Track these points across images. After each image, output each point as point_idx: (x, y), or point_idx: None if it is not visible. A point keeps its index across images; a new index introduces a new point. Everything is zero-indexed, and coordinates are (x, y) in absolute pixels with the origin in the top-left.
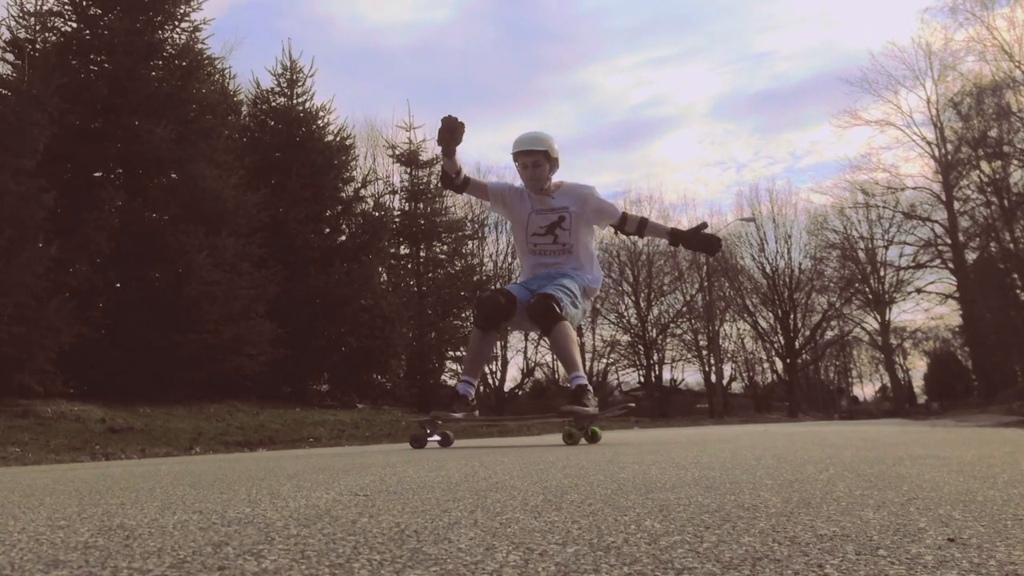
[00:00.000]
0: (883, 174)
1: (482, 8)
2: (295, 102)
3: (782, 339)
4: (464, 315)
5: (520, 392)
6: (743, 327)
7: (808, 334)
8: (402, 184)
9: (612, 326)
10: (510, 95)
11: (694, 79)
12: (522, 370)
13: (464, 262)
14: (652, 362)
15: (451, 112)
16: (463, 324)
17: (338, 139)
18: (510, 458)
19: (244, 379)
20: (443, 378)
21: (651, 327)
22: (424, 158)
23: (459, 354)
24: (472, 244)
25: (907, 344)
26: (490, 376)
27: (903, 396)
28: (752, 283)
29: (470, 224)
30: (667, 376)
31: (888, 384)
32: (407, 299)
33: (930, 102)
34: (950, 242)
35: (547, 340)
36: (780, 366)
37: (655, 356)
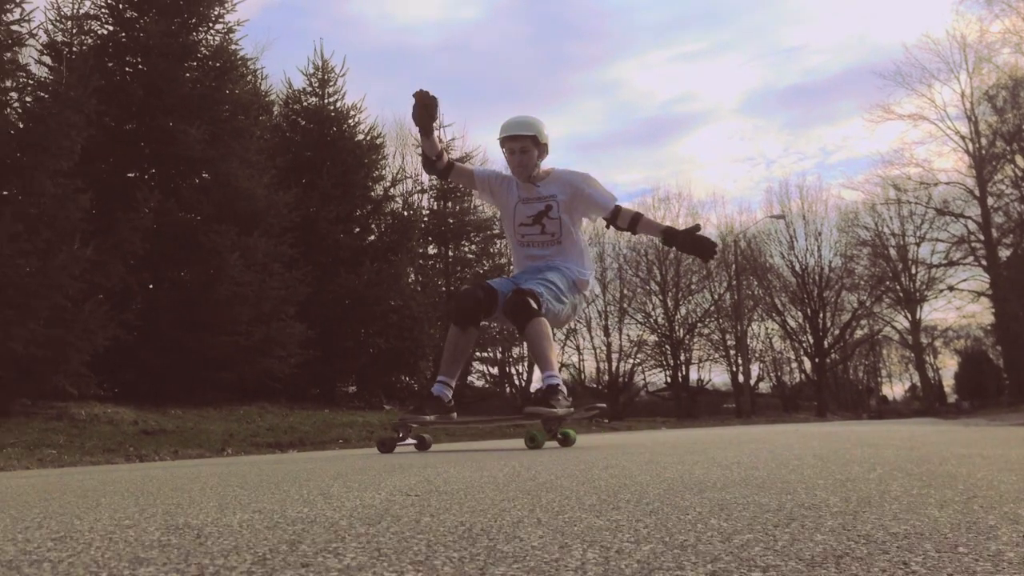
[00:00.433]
0: (916, 169)
1: (511, 6)
2: (326, 102)
3: (811, 338)
4: None
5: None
6: (771, 326)
7: (837, 333)
8: (431, 183)
9: (639, 326)
10: (539, 92)
11: (724, 74)
12: None
13: (492, 262)
14: (679, 362)
15: (481, 110)
16: (490, 325)
17: (368, 138)
18: (547, 458)
19: (273, 381)
20: (470, 379)
21: (678, 327)
22: (454, 156)
23: (486, 354)
24: (500, 243)
25: (938, 343)
26: (516, 377)
27: (933, 395)
28: (781, 281)
29: (498, 223)
30: (694, 376)
31: (918, 383)
32: (436, 299)
33: (964, 95)
34: (983, 238)
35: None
36: (808, 365)
37: (682, 356)
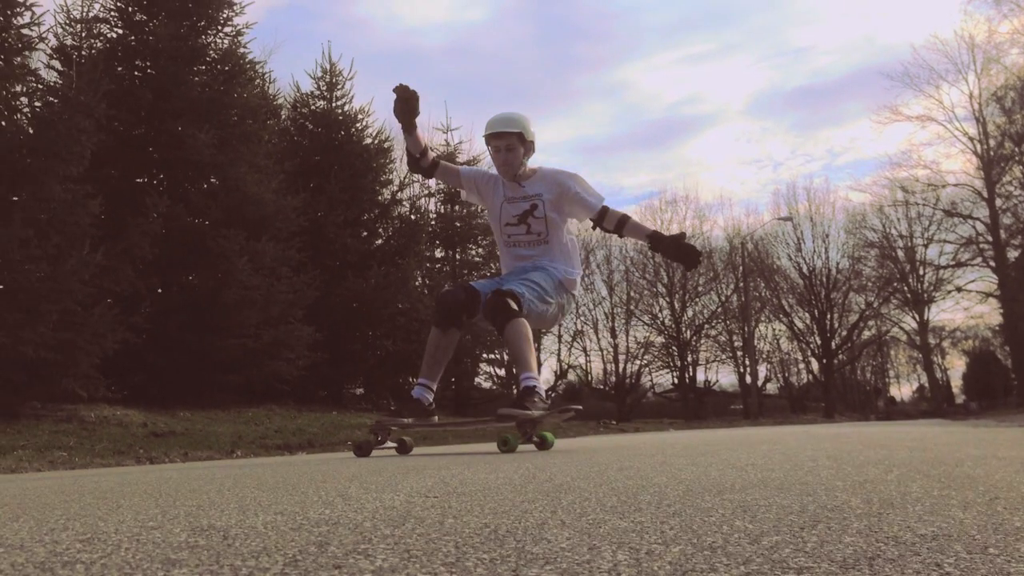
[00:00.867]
0: (924, 171)
1: (518, 8)
2: (334, 105)
3: (818, 339)
4: None
5: (553, 394)
6: (779, 327)
7: (845, 334)
8: (438, 187)
9: (646, 327)
10: (546, 94)
11: (731, 76)
12: (555, 372)
13: (499, 265)
14: (686, 363)
15: (487, 112)
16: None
17: (376, 142)
18: (560, 460)
19: (281, 383)
20: (476, 380)
21: (685, 328)
22: (461, 159)
23: (493, 356)
24: None
25: (946, 344)
26: None
27: (941, 396)
28: (788, 283)
29: None
30: (701, 377)
31: (926, 384)
32: None
33: (972, 96)
34: (991, 240)
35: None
36: (816, 367)
37: (689, 357)
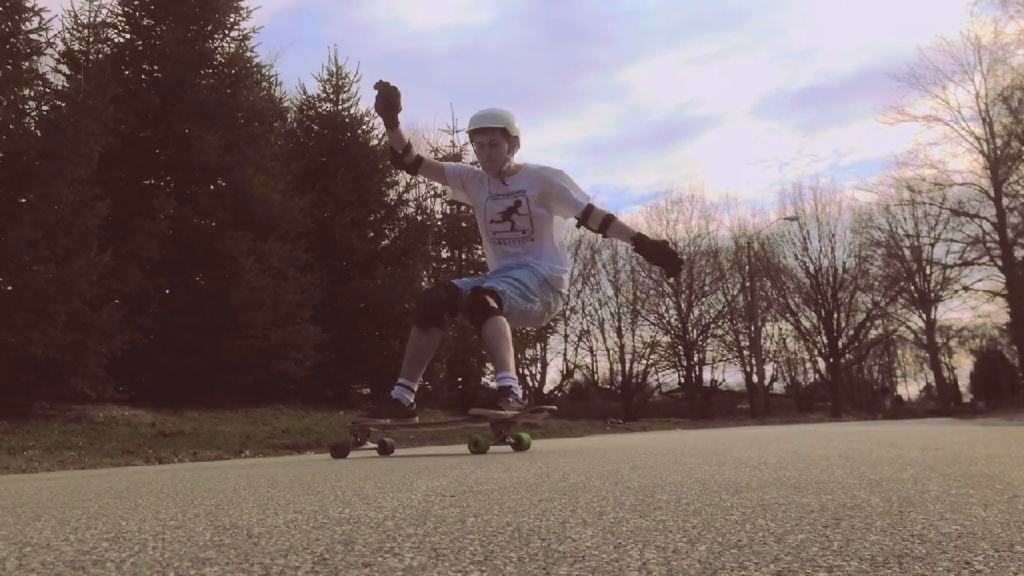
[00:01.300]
0: (930, 170)
1: (522, 10)
2: (340, 108)
3: (825, 339)
4: None
5: (560, 394)
6: (785, 327)
7: (852, 333)
8: (444, 188)
9: (652, 327)
10: (551, 97)
11: (736, 77)
12: (562, 372)
13: None
14: (692, 363)
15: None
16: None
17: (382, 144)
18: (572, 459)
19: (289, 383)
20: (483, 380)
21: (692, 328)
22: (467, 161)
23: None
24: None
25: (953, 343)
26: (530, 378)
27: (948, 395)
28: (795, 282)
29: None
30: (707, 377)
31: (933, 383)
32: None
33: (979, 96)
34: (998, 239)
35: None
36: (823, 366)
37: (696, 357)
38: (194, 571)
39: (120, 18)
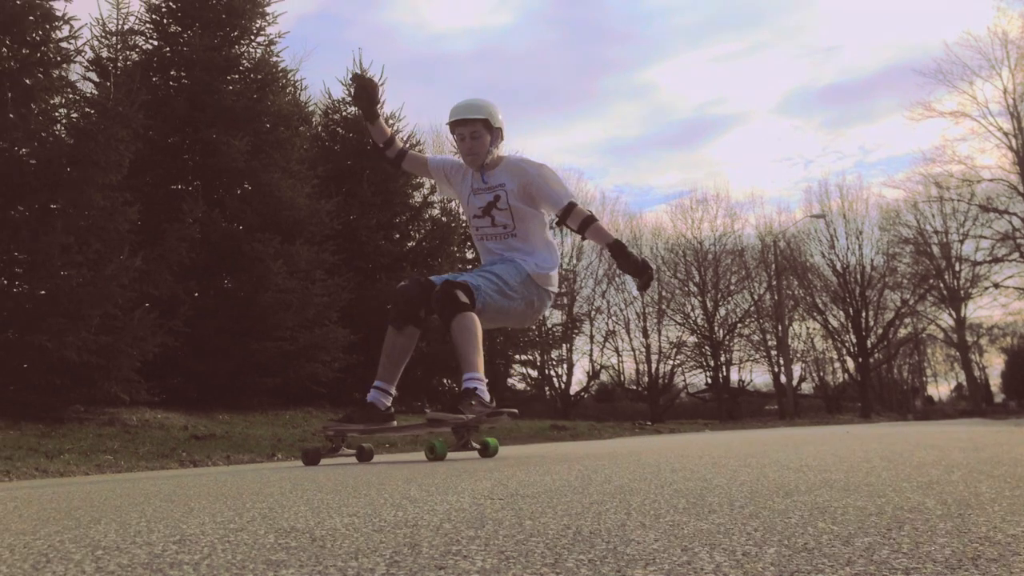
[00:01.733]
0: (958, 166)
1: (545, 11)
2: None
3: (853, 338)
4: None
5: (585, 395)
6: (813, 326)
7: (881, 332)
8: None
9: (678, 327)
10: (573, 97)
11: (760, 75)
12: (588, 373)
13: None
14: (719, 363)
15: (516, 116)
16: (529, 327)
17: (407, 146)
18: (610, 463)
19: (317, 386)
20: (510, 382)
21: (718, 328)
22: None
23: (526, 357)
24: None
25: (983, 341)
26: (556, 379)
27: (980, 395)
28: (822, 281)
29: None
30: (735, 377)
31: (964, 383)
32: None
33: (1007, 91)
34: None
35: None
36: (852, 366)
37: (722, 357)
38: (271, 573)
39: (148, 25)
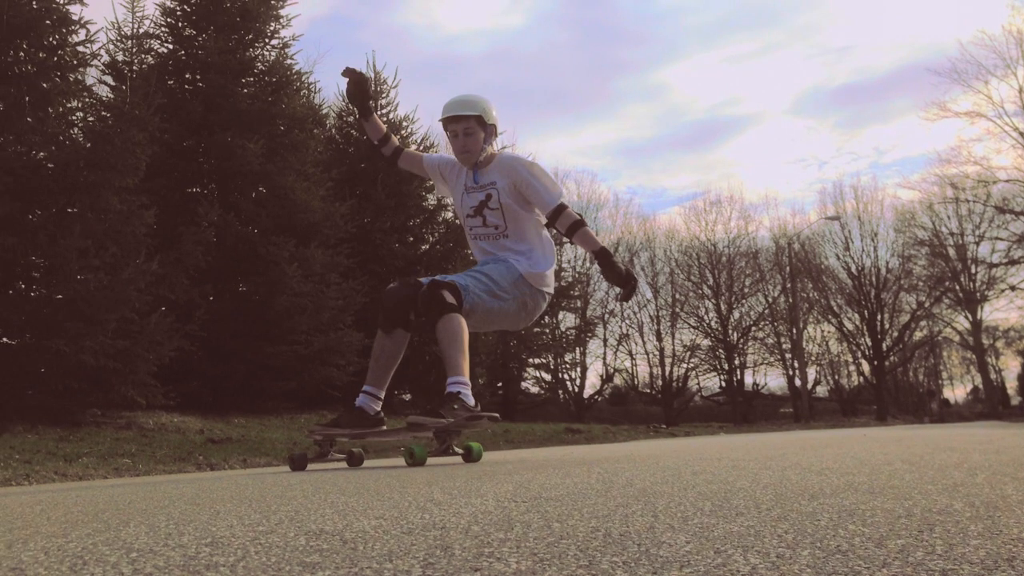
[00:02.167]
0: (974, 167)
1: (557, 13)
2: (379, 113)
3: (869, 341)
4: (543, 321)
5: (599, 398)
6: (827, 329)
7: (896, 335)
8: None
9: (692, 330)
10: (586, 98)
11: (773, 75)
12: (601, 376)
13: None
14: (734, 366)
15: (529, 117)
16: (543, 331)
17: (421, 148)
18: (627, 465)
19: (332, 389)
20: (524, 385)
21: (732, 331)
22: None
23: (540, 360)
24: None
25: (1000, 343)
26: (569, 382)
27: (996, 398)
28: (837, 283)
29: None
30: (749, 380)
31: (980, 385)
32: None
33: (1022, 91)
34: None
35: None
36: (867, 369)
37: (737, 360)
38: (308, 575)
39: (163, 29)
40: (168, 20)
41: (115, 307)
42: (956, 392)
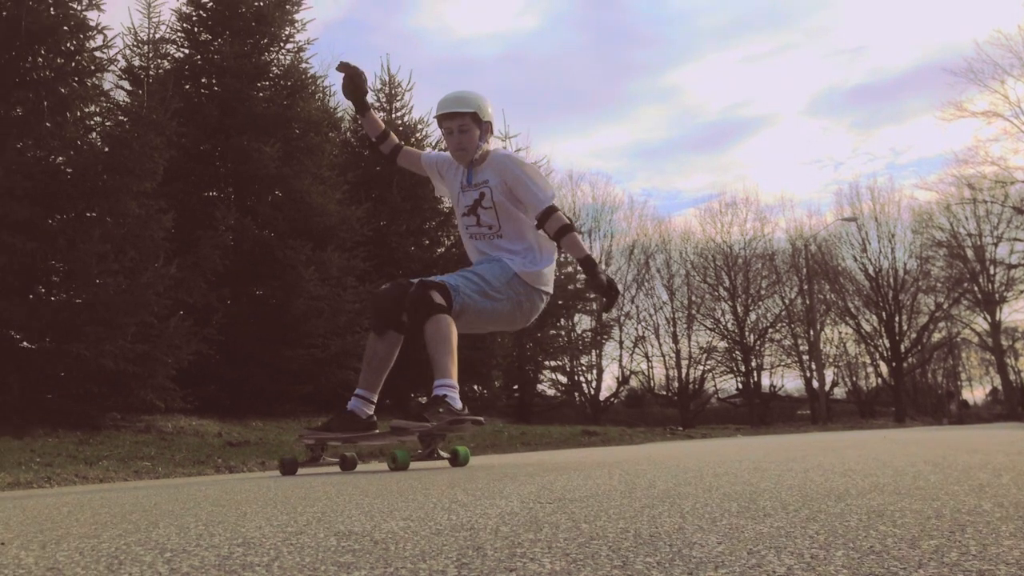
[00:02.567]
0: (991, 167)
1: (571, 15)
2: (394, 116)
3: (887, 342)
4: (559, 324)
5: (615, 401)
6: (845, 330)
7: (914, 336)
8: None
9: (709, 332)
10: (599, 100)
11: (788, 76)
12: (617, 378)
13: (561, 271)
14: (750, 368)
15: (543, 119)
16: (558, 333)
17: (436, 151)
18: (647, 467)
19: (349, 393)
20: (540, 388)
21: (749, 332)
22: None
23: (556, 363)
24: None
25: (1019, 345)
26: (585, 385)
27: (1016, 399)
28: (854, 285)
29: None
30: (766, 382)
31: (999, 387)
32: None
33: None
34: None
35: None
36: (885, 370)
37: (753, 362)
38: (344, 575)
39: (179, 34)
40: (184, 25)
41: (134, 311)
42: (975, 393)
